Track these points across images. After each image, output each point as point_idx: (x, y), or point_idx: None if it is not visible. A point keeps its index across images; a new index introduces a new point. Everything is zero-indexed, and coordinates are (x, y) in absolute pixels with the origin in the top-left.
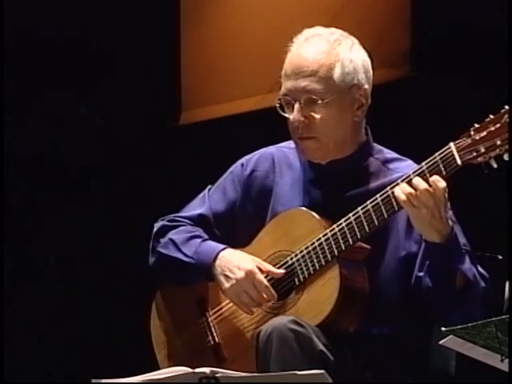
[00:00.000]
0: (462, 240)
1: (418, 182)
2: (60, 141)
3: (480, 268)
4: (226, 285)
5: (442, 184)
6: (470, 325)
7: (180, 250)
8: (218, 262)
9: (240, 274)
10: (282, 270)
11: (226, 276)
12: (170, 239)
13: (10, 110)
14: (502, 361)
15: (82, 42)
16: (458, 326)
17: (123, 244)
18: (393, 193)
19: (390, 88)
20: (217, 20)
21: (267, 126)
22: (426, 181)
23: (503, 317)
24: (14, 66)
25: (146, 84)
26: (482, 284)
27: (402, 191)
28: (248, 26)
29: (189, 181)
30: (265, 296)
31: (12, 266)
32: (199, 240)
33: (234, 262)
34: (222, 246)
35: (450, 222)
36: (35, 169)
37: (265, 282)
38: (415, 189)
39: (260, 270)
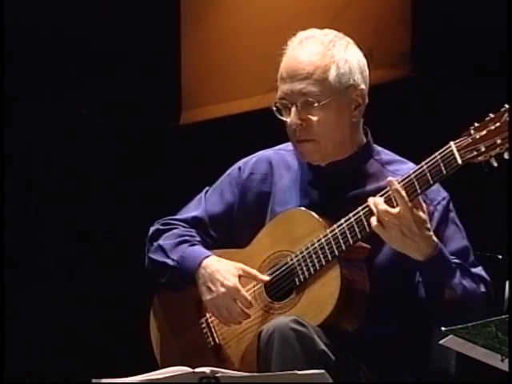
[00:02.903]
0: (461, 244)
1: (375, 204)
2: (59, 141)
3: (481, 271)
4: (208, 297)
5: (404, 198)
6: (469, 325)
7: (167, 256)
8: (201, 270)
9: (222, 290)
10: (267, 277)
11: (208, 288)
12: (159, 245)
13: (10, 109)
14: (502, 360)
15: (82, 42)
16: (458, 326)
17: (123, 244)
18: (393, 192)
19: (390, 88)
20: (217, 20)
21: (267, 126)
22: (409, 192)
23: (503, 317)
24: (13, 65)
25: (146, 84)
26: (482, 289)
27: (374, 219)
28: (248, 26)
29: (189, 181)
30: (246, 311)
31: (12, 266)
32: (187, 245)
33: (218, 275)
34: (207, 253)
35: (433, 237)
36: (35, 169)
37: (248, 298)
38: (378, 212)
39: (245, 276)
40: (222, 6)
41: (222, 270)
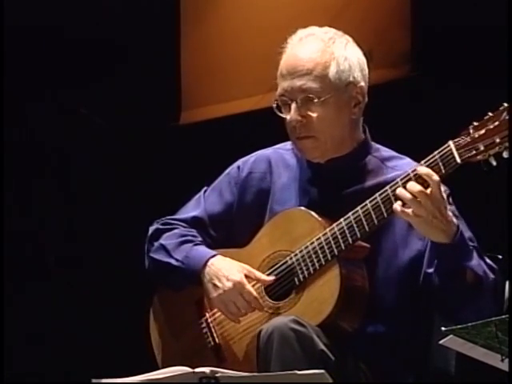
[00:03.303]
0: (467, 234)
1: (410, 185)
2: (59, 141)
3: (487, 259)
4: (214, 294)
5: (436, 178)
6: (469, 324)
7: (171, 256)
8: (207, 269)
9: (228, 285)
10: (271, 277)
11: (214, 285)
12: (161, 244)
13: (10, 109)
14: (502, 360)
15: (82, 42)
16: (458, 326)
17: (123, 244)
18: (392, 192)
19: (389, 88)
20: (217, 20)
21: (267, 126)
22: (420, 181)
23: (503, 316)
24: (13, 65)
25: (146, 84)
26: (492, 276)
27: (398, 204)
28: (248, 26)
29: (189, 180)
30: (253, 306)
31: (12, 266)
32: (190, 244)
33: (223, 271)
34: (212, 253)
35: (454, 219)
36: (34, 169)
37: (253, 293)
38: (410, 194)
39: (249, 277)
40: (222, 6)
41: (227, 267)
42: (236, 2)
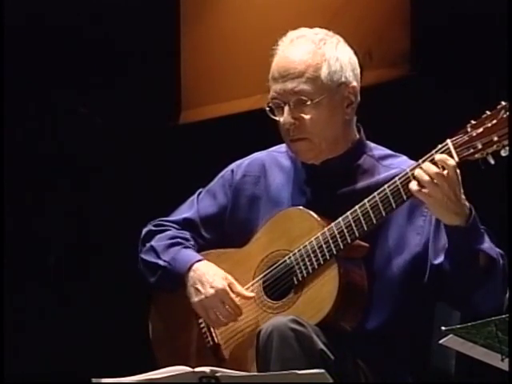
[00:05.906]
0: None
1: (427, 167)
2: (59, 140)
3: (494, 246)
4: (195, 298)
5: (452, 162)
6: (469, 324)
7: (159, 257)
8: (191, 273)
9: (210, 291)
10: (251, 294)
11: (197, 289)
12: (152, 246)
13: (10, 109)
14: (502, 360)
15: (81, 42)
16: (458, 326)
17: (123, 244)
18: (390, 191)
19: (389, 88)
20: (216, 19)
21: (266, 126)
22: (435, 165)
23: (503, 316)
24: (13, 65)
25: (146, 83)
26: (501, 260)
27: (414, 183)
28: (248, 26)
29: (188, 180)
30: (233, 314)
31: (12, 266)
32: (179, 247)
33: (207, 277)
34: (198, 257)
35: (466, 202)
36: (34, 168)
37: (235, 301)
38: (427, 175)
39: (231, 289)
40: (222, 6)
41: (211, 272)
42: (236, 3)
